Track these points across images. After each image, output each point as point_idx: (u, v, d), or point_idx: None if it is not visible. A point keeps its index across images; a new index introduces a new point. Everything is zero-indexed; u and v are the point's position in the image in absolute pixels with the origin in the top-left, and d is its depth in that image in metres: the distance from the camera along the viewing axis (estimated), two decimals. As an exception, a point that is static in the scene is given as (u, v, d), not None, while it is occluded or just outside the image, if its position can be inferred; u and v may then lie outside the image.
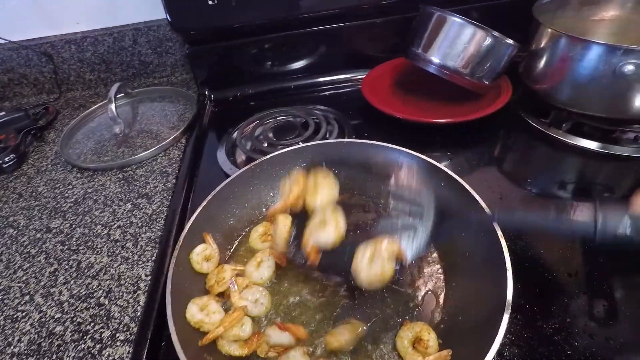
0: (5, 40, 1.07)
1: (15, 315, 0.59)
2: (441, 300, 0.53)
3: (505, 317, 0.42)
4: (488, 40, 0.78)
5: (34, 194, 0.83)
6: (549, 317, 0.51)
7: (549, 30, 0.77)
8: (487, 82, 0.84)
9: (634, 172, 0.73)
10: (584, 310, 0.52)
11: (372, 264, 0.48)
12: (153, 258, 0.66)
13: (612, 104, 0.73)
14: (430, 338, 0.47)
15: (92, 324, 0.57)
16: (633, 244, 0.42)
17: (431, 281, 0.56)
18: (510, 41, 0.79)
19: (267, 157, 0.67)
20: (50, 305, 0.60)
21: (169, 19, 0.94)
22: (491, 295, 0.47)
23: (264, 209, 0.69)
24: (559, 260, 0.58)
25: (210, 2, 0.93)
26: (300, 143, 0.82)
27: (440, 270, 0.57)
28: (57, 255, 0.68)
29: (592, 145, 0.77)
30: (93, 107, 1.07)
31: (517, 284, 0.49)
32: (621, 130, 0.78)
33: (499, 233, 0.50)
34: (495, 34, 0.78)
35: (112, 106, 0.89)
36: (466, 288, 0.52)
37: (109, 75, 1.16)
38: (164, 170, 0.86)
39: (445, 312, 0.52)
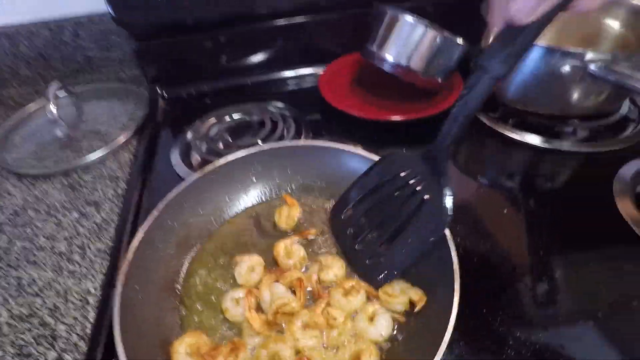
0: None
1: (-53, 343, 0.55)
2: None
3: (454, 313, 0.44)
4: (438, 40, 0.80)
5: (-35, 205, 0.77)
6: (496, 311, 0.54)
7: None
8: (440, 80, 0.86)
9: (571, 165, 0.79)
10: (528, 298, 0.56)
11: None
12: (103, 270, 0.63)
13: (551, 101, 0.78)
14: None
15: (35, 345, 0.54)
16: None
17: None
18: (459, 41, 0.81)
19: (219, 164, 0.65)
20: (-13, 328, 0.56)
21: (112, 13, 0.88)
22: (441, 295, 0.49)
23: (221, 216, 0.68)
24: (504, 254, 0.62)
25: (157, -5, 0.88)
26: (258, 141, 0.82)
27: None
28: (-6, 273, 0.64)
29: (535, 140, 0.82)
30: (32, 106, 0.99)
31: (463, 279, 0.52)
32: (560, 125, 0.83)
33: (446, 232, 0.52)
34: (446, 33, 0.80)
35: (51, 106, 0.83)
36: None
37: (49, 71, 1.08)
38: (114, 174, 0.81)
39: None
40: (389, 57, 0.84)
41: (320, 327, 0.50)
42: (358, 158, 0.63)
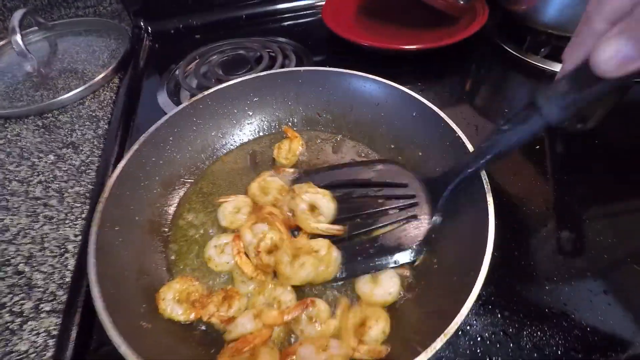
0: None
1: None
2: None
3: (488, 256, 0.37)
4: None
5: None
6: (526, 253, 0.47)
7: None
8: (462, 2, 0.75)
9: (613, 99, 0.69)
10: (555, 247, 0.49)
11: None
12: (83, 215, 0.56)
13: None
14: (375, 328, 0.40)
15: (9, 296, 0.48)
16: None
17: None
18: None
19: (211, 91, 0.57)
20: (-45, 277, 0.50)
21: None
22: (471, 234, 0.42)
23: (212, 153, 0.59)
24: (536, 194, 0.54)
25: None
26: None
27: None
28: (-38, 219, 0.57)
29: (570, 70, 0.72)
30: (0, 44, 0.88)
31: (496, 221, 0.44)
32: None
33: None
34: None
35: (18, 37, 0.72)
36: (442, 229, 0.47)
37: (19, 3, 0.96)
38: (94, 114, 0.73)
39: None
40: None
41: (307, 251, 0.43)
42: (371, 82, 0.54)
